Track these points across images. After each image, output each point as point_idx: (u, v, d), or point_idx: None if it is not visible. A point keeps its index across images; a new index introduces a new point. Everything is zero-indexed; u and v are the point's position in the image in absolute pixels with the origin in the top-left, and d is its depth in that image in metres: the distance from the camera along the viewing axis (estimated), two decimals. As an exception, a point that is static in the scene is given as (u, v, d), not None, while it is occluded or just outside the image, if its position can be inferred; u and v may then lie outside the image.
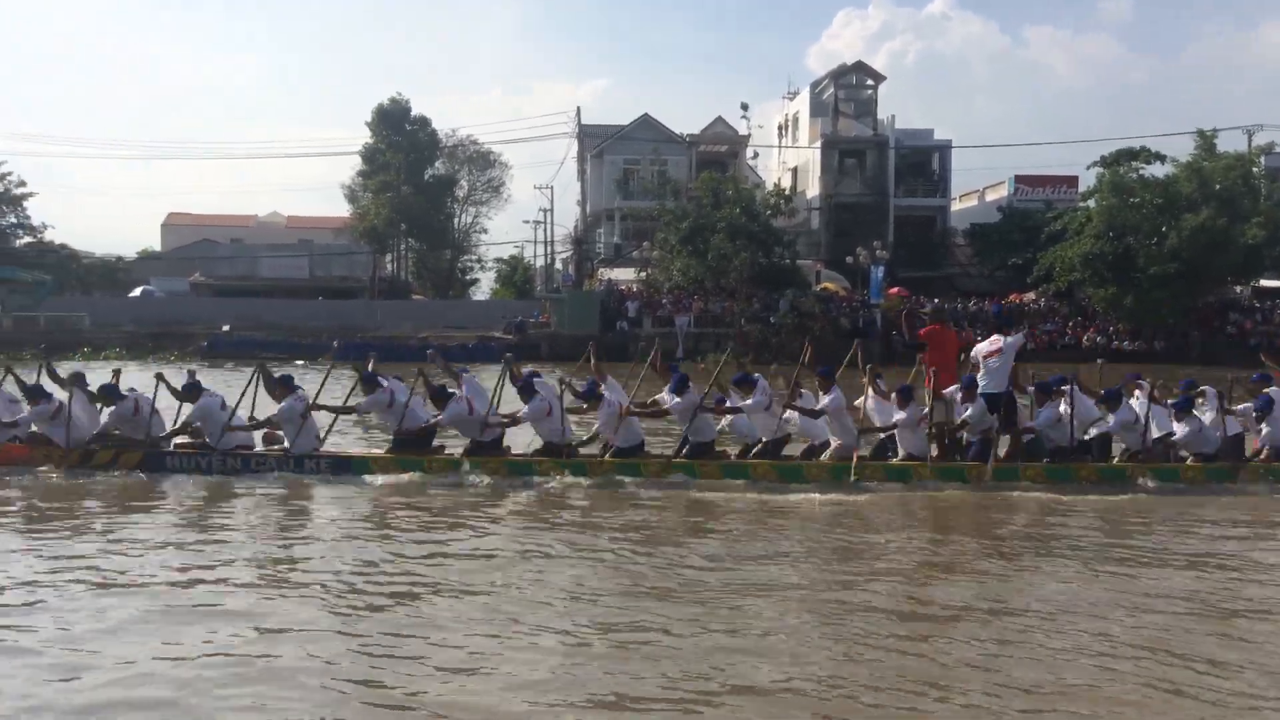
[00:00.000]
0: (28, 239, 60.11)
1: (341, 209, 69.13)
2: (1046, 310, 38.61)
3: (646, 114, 51.90)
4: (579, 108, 56.28)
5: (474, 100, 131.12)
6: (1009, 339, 11.48)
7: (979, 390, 11.18)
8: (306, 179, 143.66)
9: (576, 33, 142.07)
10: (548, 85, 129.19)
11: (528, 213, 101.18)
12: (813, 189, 48.77)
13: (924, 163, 49.48)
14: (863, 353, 12.15)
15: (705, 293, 38.78)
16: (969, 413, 11.16)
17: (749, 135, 54.16)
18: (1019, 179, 49.70)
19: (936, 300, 39.58)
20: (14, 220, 59.93)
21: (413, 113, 63.58)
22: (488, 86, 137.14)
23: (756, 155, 56.38)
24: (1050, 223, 39.74)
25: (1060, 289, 38.45)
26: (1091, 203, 38.51)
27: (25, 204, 59.86)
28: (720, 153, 52.69)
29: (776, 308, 37.07)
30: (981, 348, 11.61)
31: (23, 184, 59.35)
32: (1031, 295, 39.95)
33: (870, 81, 49.42)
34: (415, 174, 61.70)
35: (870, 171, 47.97)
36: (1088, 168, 40.36)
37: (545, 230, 61.13)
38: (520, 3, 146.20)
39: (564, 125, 59.47)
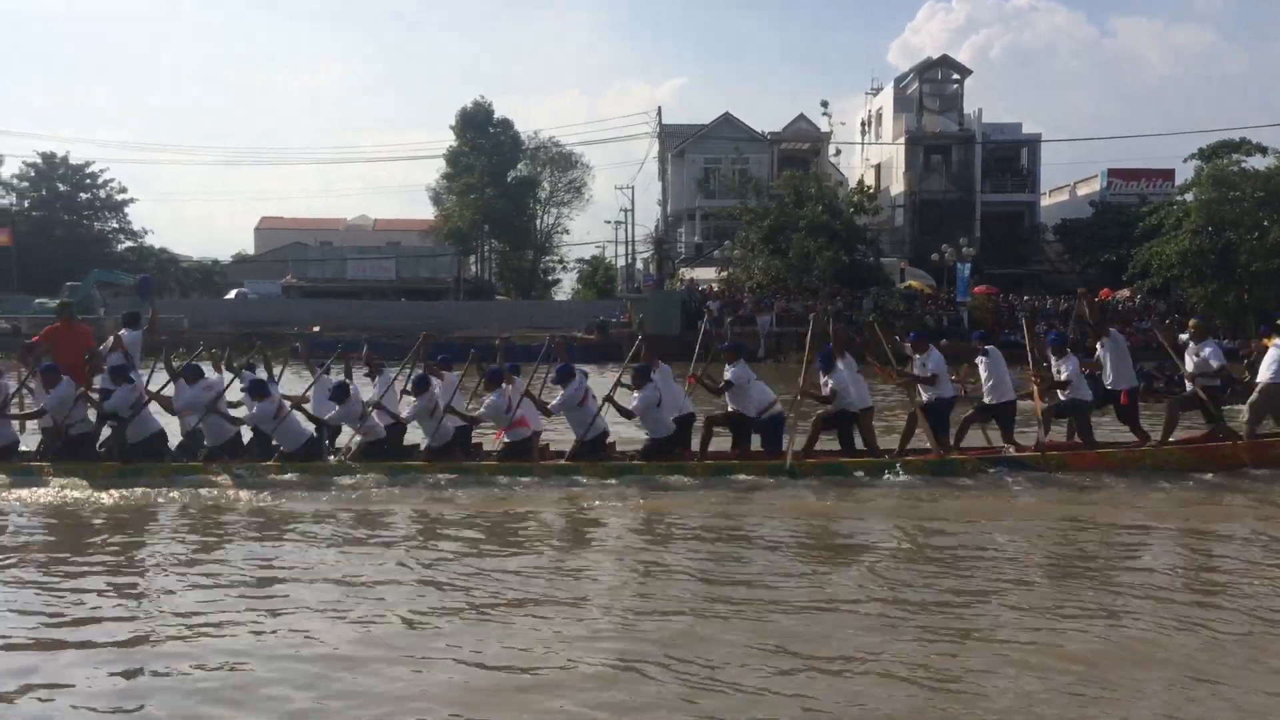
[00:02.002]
0: (129, 243, 62.50)
1: (427, 211, 70.44)
2: (1141, 308, 37.46)
3: (728, 112, 51.75)
4: (660, 107, 56.60)
5: (550, 101, 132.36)
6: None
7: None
8: (392, 182, 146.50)
9: (654, 32, 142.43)
10: (625, 85, 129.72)
11: (609, 213, 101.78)
12: (897, 186, 48.11)
13: (1012, 157, 48.46)
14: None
15: (787, 292, 38.50)
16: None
17: (831, 132, 53.70)
18: (1112, 173, 48.34)
19: (1026, 298, 38.82)
20: (116, 225, 62.42)
21: (495, 115, 64.42)
22: (564, 88, 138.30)
23: (839, 152, 55.90)
24: (1145, 217, 38.57)
25: (1156, 286, 37.28)
26: (1189, 196, 37.23)
27: (126, 210, 62.32)
28: (802, 150, 52.28)
29: (860, 307, 36.64)
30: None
31: (123, 190, 61.79)
32: (1125, 292, 38.82)
33: (956, 75, 48.57)
34: (498, 176, 62.42)
35: (956, 167, 47.15)
36: (1185, 160, 39.08)
37: (626, 230, 61.44)
38: (597, 3, 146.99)
39: (644, 125, 59.67)
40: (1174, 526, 8.88)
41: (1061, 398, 11.40)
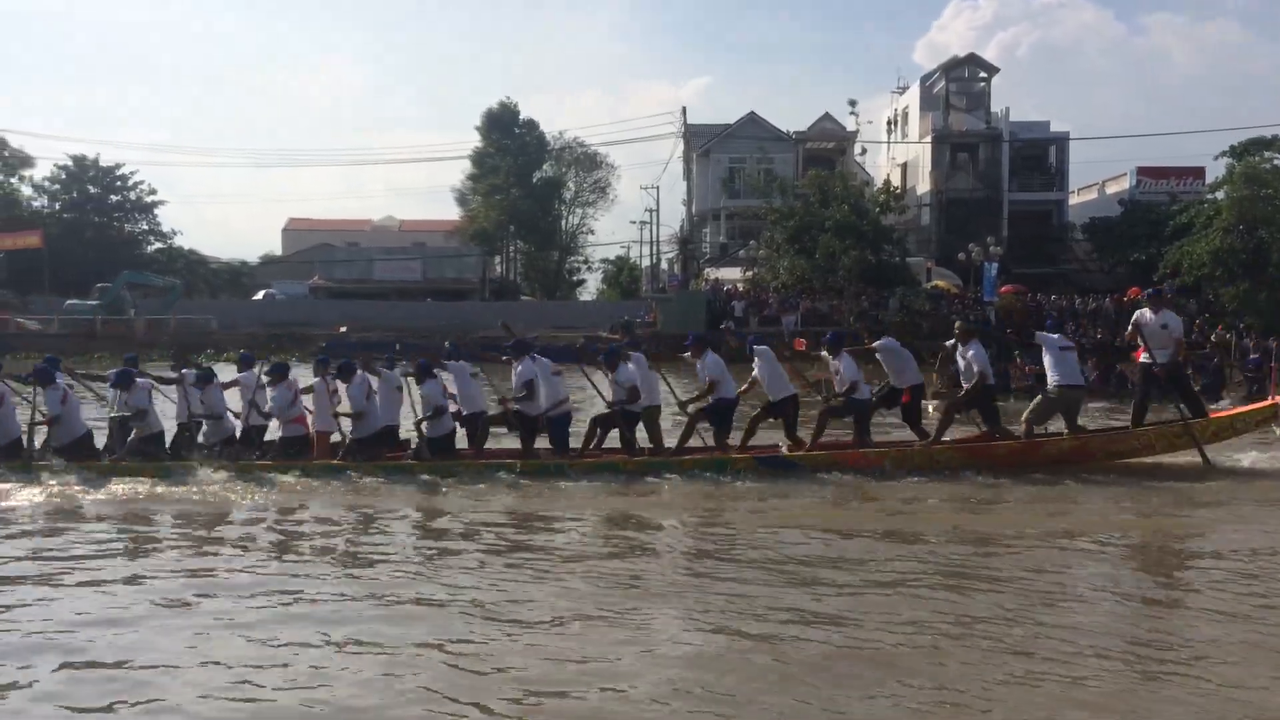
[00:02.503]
0: (159, 245, 63.11)
1: (452, 212, 70.74)
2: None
3: (753, 112, 51.59)
4: (684, 108, 56.47)
5: (575, 102, 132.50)
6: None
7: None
8: (418, 183, 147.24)
9: (676, 32, 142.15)
10: (648, 85, 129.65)
11: (634, 213, 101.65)
12: (923, 185, 47.86)
13: (1040, 156, 48.08)
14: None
15: (813, 292, 38.36)
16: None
17: (857, 131, 53.48)
18: (1141, 171, 47.85)
19: (1054, 297, 38.49)
20: (145, 227, 63.01)
21: (521, 116, 64.60)
22: (588, 88, 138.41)
23: (865, 151, 55.68)
24: (1175, 216, 38.14)
25: (1186, 285, 36.87)
26: (1220, 194, 36.80)
27: (156, 212, 62.92)
28: (827, 150, 52.08)
29: (886, 306, 36.46)
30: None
31: (153, 192, 62.35)
32: (1155, 291, 38.39)
33: (983, 74, 48.24)
34: (524, 176, 62.62)
35: (983, 166, 46.85)
36: (1215, 158, 38.62)
37: (651, 230, 61.37)
38: (621, 4, 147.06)
39: (669, 125, 59.43)
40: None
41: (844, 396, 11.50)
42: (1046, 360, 11.38)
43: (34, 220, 55.77)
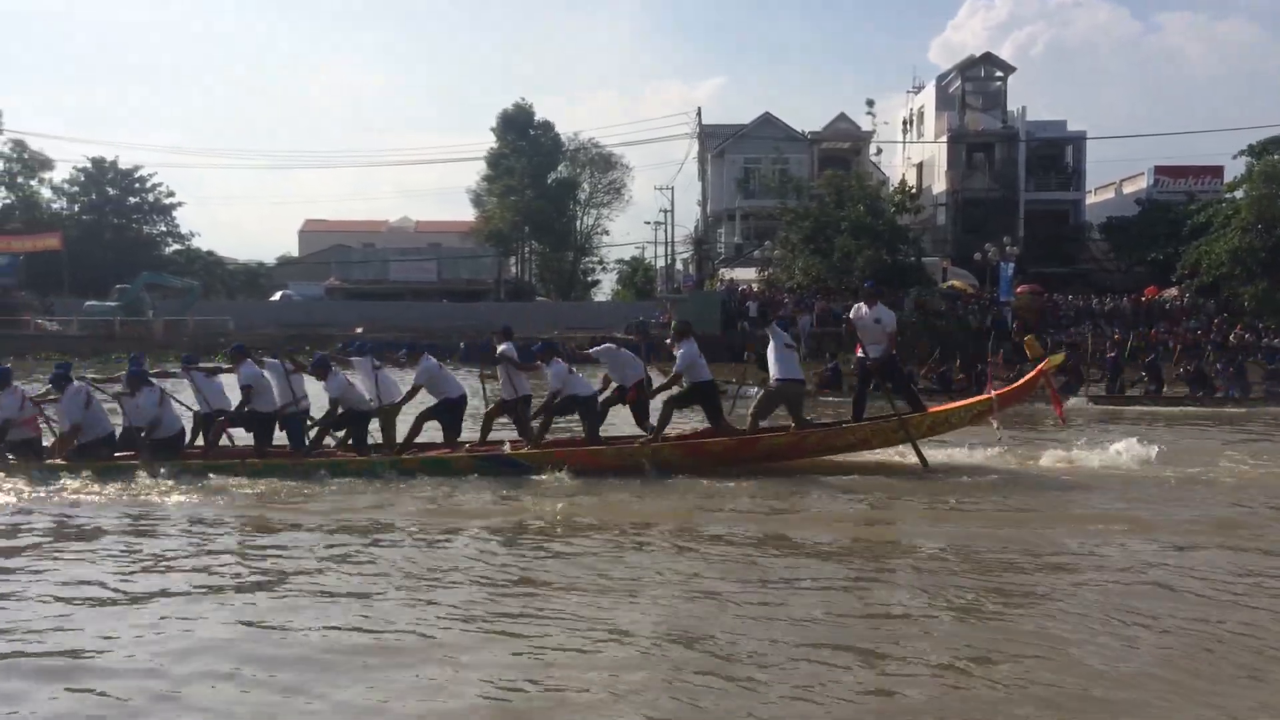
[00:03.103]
0: (177, 247, 63.55)
1: (467, 213, 70.96)
2: (1190, 307, 36.82)
3: (767, 112, 51.54)
4: (699, 108, 56.55)
5: (590, 103, 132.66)
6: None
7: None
8: (433, 184, 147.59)
9: (691, 32, 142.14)
10: (664, 86, 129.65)
11: (648, 214, 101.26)
12: (939, 184, 47.72)
13: (1056, 155, 47.88)
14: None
15: (828, 292, 38.29)
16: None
17: (873, 131, 53.35)
18: (1159, 170, 47.60)
19: (1071, 297, 38.32)
20: (164, 229, 63.49)
21: (536, 117, 64.74)
22: (603, 89, 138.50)
23: (880, 151, 55.55)
24: (1193, 215, 37.92)
25: (1205, 285, 36.65)
26: (1239, 193, 36.57)
27: (174, 213, 63.36)
28: (843, 150, 51.98)
29: (901, 306, 36.34)
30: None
31: (171, 194, 62.83)
32: (1173, 291, 38.21)
33: (999, 73, 48.06)
34: (538, 177, 62.77)
35: (999, 165, 46.67)
36: (1234, 157, 38.40)
37: (666, 231, 61.38)
38: (636, 4, 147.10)
39: (684, 126, 59.57)
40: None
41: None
42: (770, 356, 11.56)
43: (53, 222, 56.25)
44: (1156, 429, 15.82)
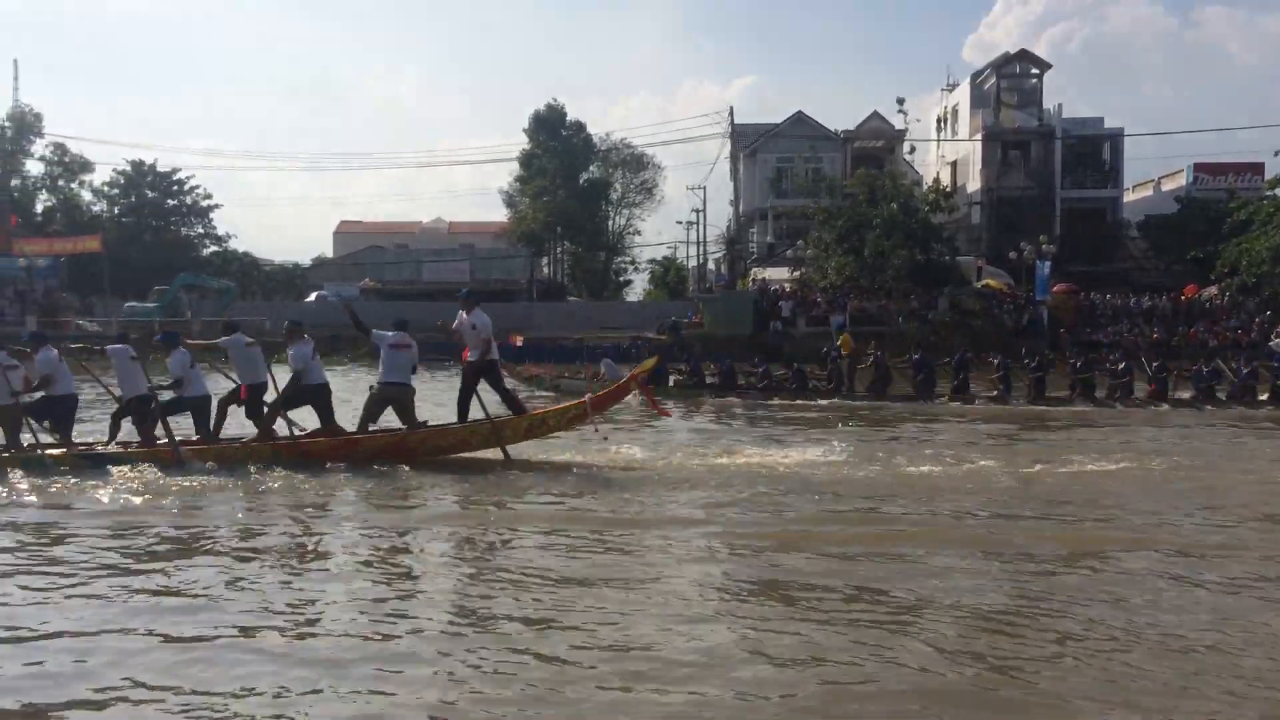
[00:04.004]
0: (214, 248, 64.31)
1: (500, 214, 71.27)
2: (1230, 306, 36.28)
3: (800, 111, 51.38)
4: (731, 107, 56.24)
5: (622, 103, 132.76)
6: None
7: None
8: (466, 185, 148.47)
9: (723, 32, 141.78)
10: (696, 85, 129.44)
11: (680, 213, 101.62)
12: (973, 183, 47.35)
13: (1093, 153, 47.36)
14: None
15: (861, 291, 38.11)
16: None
17: (905, 130, 53.02)
18: (1198, 167, 46.96)
19: (1108, 296, 37.89)
20: (201, 230, 64.27)
21: (568, 118, 64.90)
22: (633, 89, 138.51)
23: (914, 150, 55.16)
24: (1234, 212, 37.37)
25: (1247, 284, 36.09)
26: (1280, 190, 36.03)
27: (211, 215, 64.14)
28: (876, 148, 51.69)
29: (935, 306, 36.11)
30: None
31: (209, 196, 63.60)
32: (1213, 290, 37.68)
33: (1035, 70, 47.61)
34: (570, 178, 62.90)
35: (1035, 163, 46.23)
36: (1276, 154, 37.85)
37: (698, 231, 61.38)
38: (668, 4, 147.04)
39: (715, 126, 59.43)
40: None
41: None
42: (380, 360, 11.90)
43: (94, 224, 57.17)
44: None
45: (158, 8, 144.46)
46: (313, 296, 55.54)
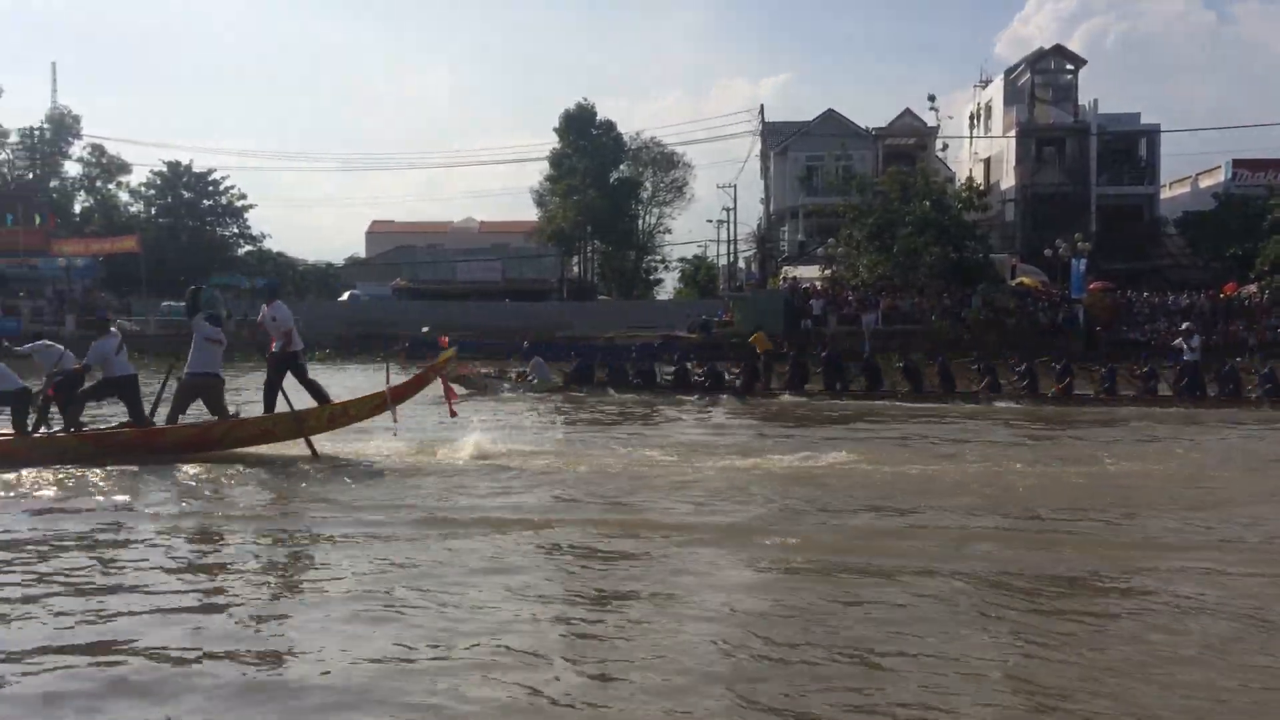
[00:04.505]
0: (248, 248, 64.94)
1: (531, 213, 71.49)
2: (1270, 304, 35.73)
3: (831, 109, 51.25)
4: (762, 105, 56.37)
5: (652, 102, 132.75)
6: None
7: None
8: (497, 185, 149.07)
9: (755, 30, 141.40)
10: (726, 84, 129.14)
11: (711, 212, 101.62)
12: (1007, 180, 46.93)
13: (1130, 149, 46.83)
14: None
15: (893, 289, 37.89)
16: None
17: (938, 127, 52.63)
18: (1237, 164, 46.27)
19: (1145, 294, 37.44)
20: (236, 231, 64.88)
21: (598, 117, 64.96)
22: (665, 88, 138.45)
23: (946, 147, 54.78)
24: (1274, 209, 36.79)
25: (1288, 280, 35.56)
26: (1322, 186, 35.44)
27: (246, 215, 64.77)
28: (908, 146, 51.37)
29: (969, 304, 35.83)
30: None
31: (243, 197, 64.18)
32: (1253, 288, 37.12)
33: (1069, 65, 47.13)
34: (600, 177, 62.92)
35: (1070, 160, 45.78)
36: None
37: (728, 229, 61.24)
38: (698, 4, 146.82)
39: (746, 124, 59.28)
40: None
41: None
42: (191, 350, 12.01)
43: (131, 225, 57.89)
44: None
45: (194, 11, 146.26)
46: (345, 296, 55.95)
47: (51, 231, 50.15)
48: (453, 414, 12.98)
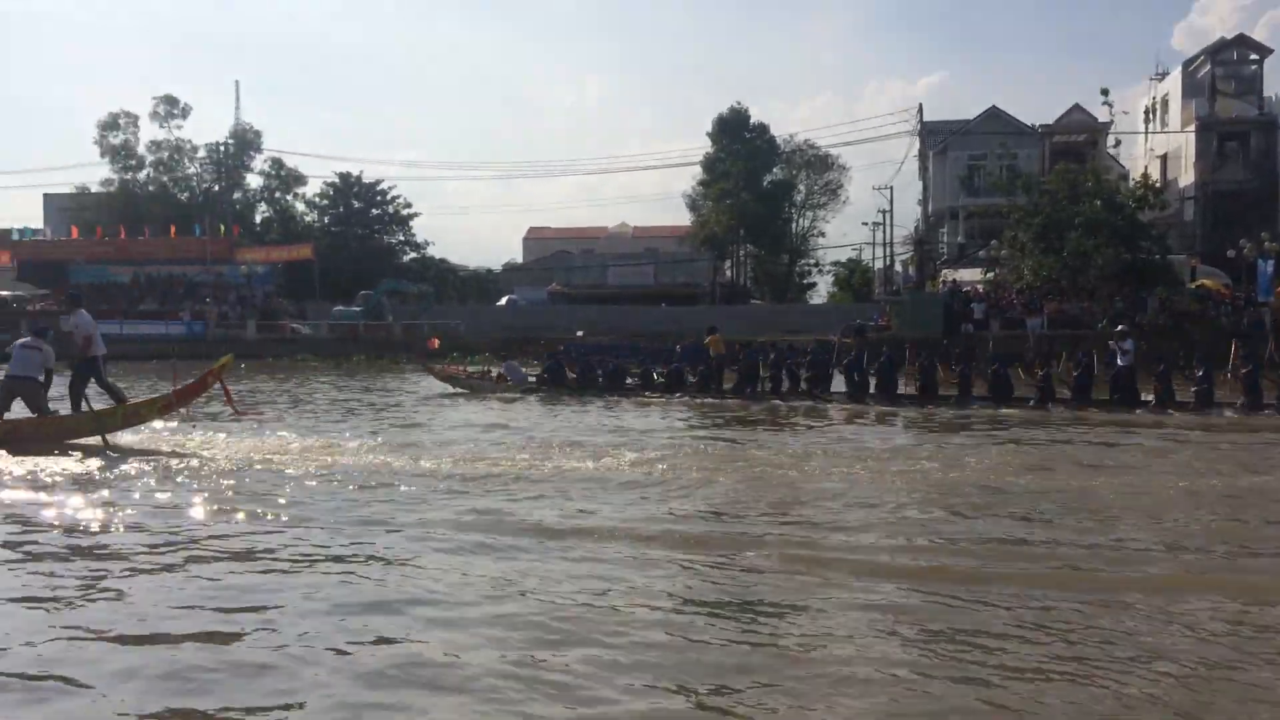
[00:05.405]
0: (413, 254, 67.55)
1: (683, 218, 71.84)
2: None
3: (994, 106, 49.64)
4: (920, 104, 54.99)
5: (805, 104, 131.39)
6: None
7: None
8: (650, 190, 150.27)
9: (910, 29, 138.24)
10: (881, 84, 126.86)
11: (866, 214, 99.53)
12: (1186, 177, 44.43)
13: (1322, 143, 43.64)
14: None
15: (1061, 293, 36.35)
16: None
17: (1110, 122, 50.21)
18: None
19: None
20: (402, 238, 67.63)
21: (751, 120, 64.78)
22: (819, 89, 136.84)
23: (1118, 143, 52.20)
24: None
25: None
26: None
27: (411, 223, 67.39)
28: (1077, 143, 49.22)
29: (1144, 308, 34.03)
30: None
31: (408, 206, 66.83)
32: None
33: (1254, 56, 44.38)
34: (754, 180, 62.75)
35: (1255, 155, 43.05)
36: None
37: (884, 232, 60.05)
38: (851, 3, 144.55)
39: (903, 124, 58.04)
40: None
41: None
42: (11, 357, 13.00)
43: (306, 234, 61.02)
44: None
45: (364, 31, 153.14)
46: (504, 300, 57.50)
47: (235, 241, 53.26)
48: (235, 414, 14.26)
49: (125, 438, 13.47)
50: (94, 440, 12.98)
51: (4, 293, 51.68)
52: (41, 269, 51.54)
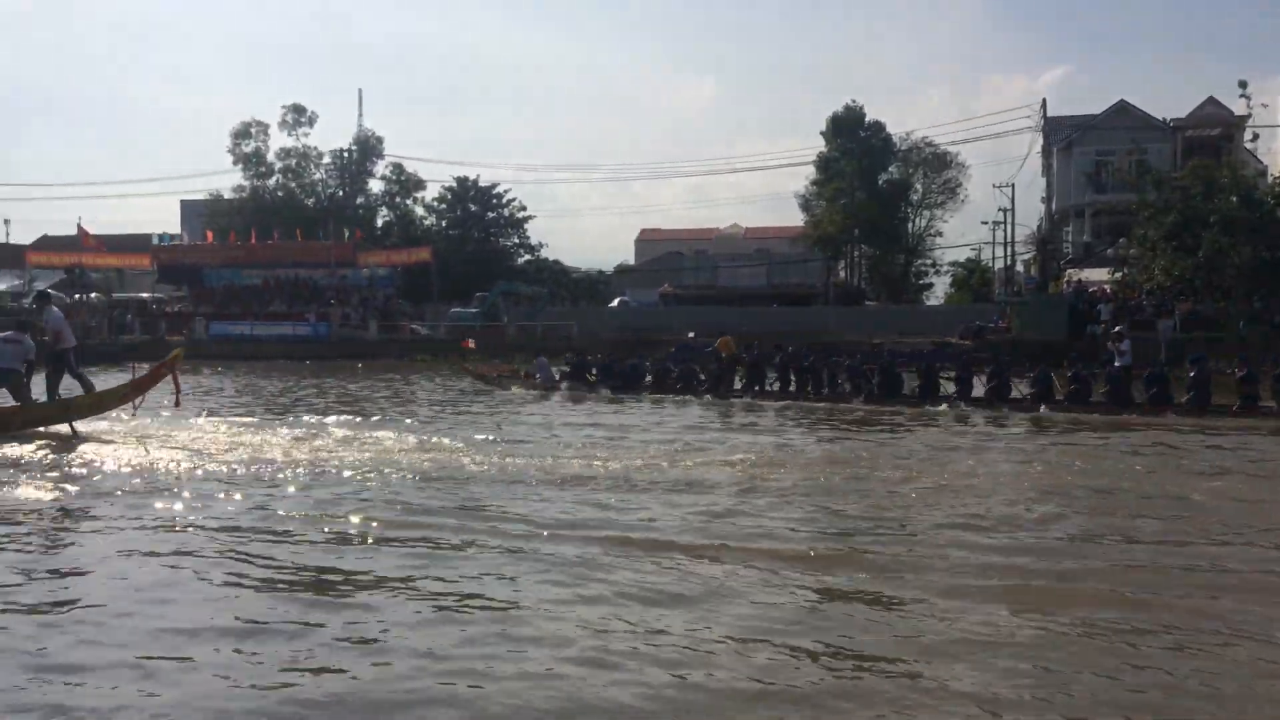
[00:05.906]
0: (527, 257, 68.52)
1: (795, 218, 71.16)
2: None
3: (1122, 100, 47.82)
4: (1044, 99, 53.03)
5: (921, 102, 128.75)
6: None
7: None
8: (761, 190, 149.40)
9: (1030, 22, 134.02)
10: (1001, 79, 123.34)
11: (985, 213, 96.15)
12: (1333, 170, 41.95)
13: None
14: None
15: (1194, 293, 34.75)
16: None
17: (1248, 115, 47.78)
18: None
19: None
20: (516, 240, 68.64)
21: (866, 119, 63.77)
22: (935, 86, 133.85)
23: (1257, 137, 49.63)
24: None
25: None
26: None
27: (526, 226, 68.37)
28: (1212, 137, 47.01)
29: (1283, 310, 32.30)
30: None
31: (523, 209, 67.80)
32: None
33: None
34: (869, 179, 61.75)
35: None
36: None
37: (1005, 231, 58.26)
38: (964, 1, 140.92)
39: (1024, 120, 56.40)
40: None
41: None
42: None
43: (424, 237, 62.45)
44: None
45: (479, 39, 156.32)
46: (616, 302, 57.87)
47: (358, 244, 54.77)
48: (178, 404, 15.18)
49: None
50: (63, 427, 14.22)
51: (145, 294, 54.36)
52: (179, 272, 53.92)
